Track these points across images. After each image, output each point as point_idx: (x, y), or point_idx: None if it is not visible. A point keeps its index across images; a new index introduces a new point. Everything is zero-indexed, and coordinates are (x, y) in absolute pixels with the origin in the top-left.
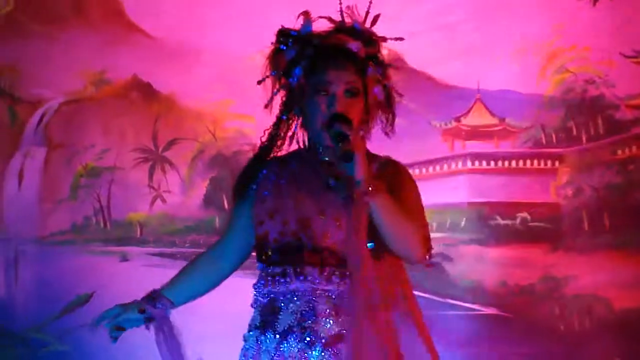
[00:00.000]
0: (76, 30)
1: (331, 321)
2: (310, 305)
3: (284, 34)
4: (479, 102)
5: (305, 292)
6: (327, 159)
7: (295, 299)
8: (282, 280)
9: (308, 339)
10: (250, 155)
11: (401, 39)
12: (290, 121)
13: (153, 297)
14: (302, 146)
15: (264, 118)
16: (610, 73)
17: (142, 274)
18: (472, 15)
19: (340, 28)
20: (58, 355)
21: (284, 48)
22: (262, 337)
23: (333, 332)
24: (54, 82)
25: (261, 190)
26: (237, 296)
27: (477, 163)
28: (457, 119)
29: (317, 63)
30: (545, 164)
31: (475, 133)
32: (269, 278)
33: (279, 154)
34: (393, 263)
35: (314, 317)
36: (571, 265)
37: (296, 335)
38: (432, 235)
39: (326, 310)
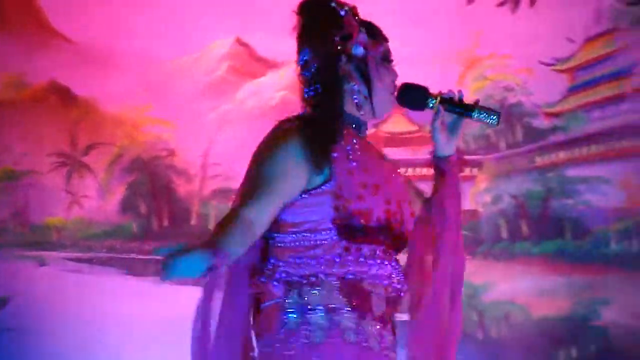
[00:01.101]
0: None
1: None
2: (395, 292)
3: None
4: (398, 109)
5: (390, 276)
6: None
7: (380, 282)
8: (370, 262)
9: (394, 329)
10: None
11: None
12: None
13: (213, 249)
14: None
15: (182, 123)
16: (529, 81)
17: (60, 278)
18: (391, 23)
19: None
20: None
21: (343, 14)
22: (364, 322)
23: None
24: None
25: (345, 161)
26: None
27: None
28: (376, 125)
29: (374, 35)
30: (464, 171)
31: (394, 139)
32: (349, 257)
33: None
34: None
35: (397, 307)
36: (489, 272)
37: (390, 326)
38: None
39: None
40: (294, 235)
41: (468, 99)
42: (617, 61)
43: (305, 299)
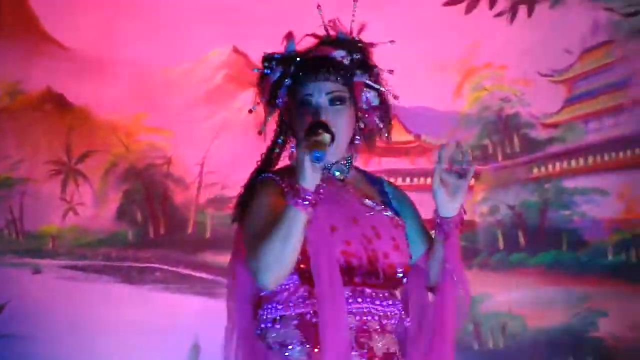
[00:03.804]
0: None
1: (381, 338)
2: (363, 322)
3: (267, 59)
4: (395, 119)
5: (359, 310)
6: (337, 173)
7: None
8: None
9: (366, 355)
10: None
11: (392, 41)
12: (286, 143)
13: None
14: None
15: (178, 131)
16: (526, 91)
17: (55, 286)
18: (389, 32)
19: (324, 41)
20: None
21: (269, 72)
22: (314, 354)
23: (384, 350)
24: None
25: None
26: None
27: (392, 179)
28: None
29: (300, 79)
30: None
31: (391, 149)
32: (310, 299)
33: None
34: None
35: (368, 334)
36: (486, 282)
37: (356, 351)
38: None
39: (377, 328)
40: None
41: (464, 108)
42: (614, 72)
43: (269, 339)
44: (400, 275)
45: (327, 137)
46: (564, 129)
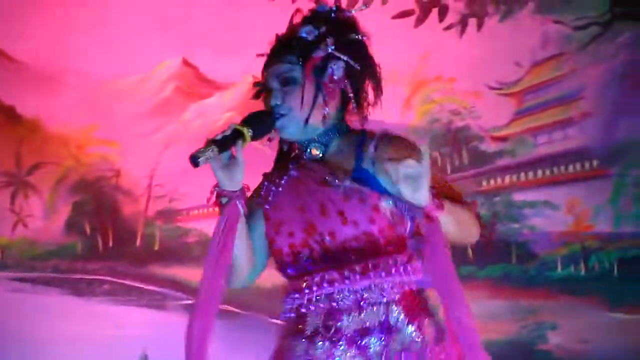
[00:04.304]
0: None
1: (354, 315)
2: (334, 303)
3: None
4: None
5: (328, 293)
6: (316, 152)
7: (318, 300)
8: (305, 292)
9: (333, 337)
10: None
11: (366, 4)
12: None
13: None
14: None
15: (128, 143)
16: (476, 104)
17: (4, 298)
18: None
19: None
20: None
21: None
22: (294, 342)
23: (356, 327)
24: None
25: (265, 204)
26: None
27: None
28: None
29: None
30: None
31: None
32: (295, 294)
33: None
34: None
35: (338, 315)
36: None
37: (322, 336)
38: None
39: (350, 305)
40: None
41: (414, 121)
42: (564, 85)
43: None
44: (368, 246)
45: (232, 134)
46: (513, 142)
